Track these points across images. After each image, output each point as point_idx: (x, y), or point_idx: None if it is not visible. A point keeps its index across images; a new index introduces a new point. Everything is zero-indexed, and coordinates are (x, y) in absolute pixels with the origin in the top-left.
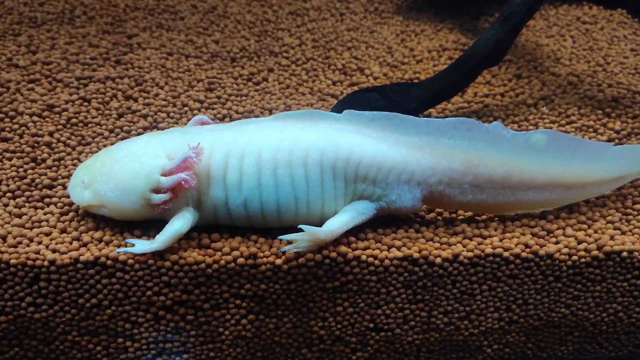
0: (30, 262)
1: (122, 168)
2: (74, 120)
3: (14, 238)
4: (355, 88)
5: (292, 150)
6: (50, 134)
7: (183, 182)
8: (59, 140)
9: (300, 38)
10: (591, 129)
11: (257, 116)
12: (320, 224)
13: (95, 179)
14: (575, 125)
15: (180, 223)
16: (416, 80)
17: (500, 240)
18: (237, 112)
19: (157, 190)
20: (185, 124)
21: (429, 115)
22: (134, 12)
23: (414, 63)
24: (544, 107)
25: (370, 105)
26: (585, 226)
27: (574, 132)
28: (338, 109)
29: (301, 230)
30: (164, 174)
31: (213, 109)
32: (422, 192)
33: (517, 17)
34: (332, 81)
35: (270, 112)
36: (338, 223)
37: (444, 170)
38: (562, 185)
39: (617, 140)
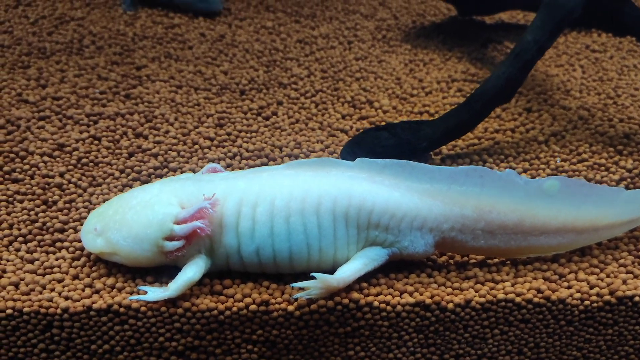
0: (43, 310)
1: (135, 216)
2: (84, 160)
3: (27, 285)
4: (365, 122)
5: (304, 199)
6: (61, 174)
7: (198, 230)
8: (69, 182)
9: (309, 68)
10: (603, 167)
11: (267, 154)
12: (332, 270)
13: (108, 226)
14: (587, 163)
15: (192, 271)
16: (425, 114)
17: (513, 285)
18: (247, 150)
19: (170, 238)
20: (196, 163)
21: (439, 152)
22: (142, 41)
23: (423, 95)
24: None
25: (381, 144)
26: (597, 270)
27: (585, 170)
28: (349, 148)
29: (313, 277)
30: (177, 222)
31: (223, 146)
32: (435, 238)
33: (528, 54)
34: (342, 114)
35: (281, 150)
36: (350, 270)
37: (457, 217)
38: (575, 230)
39: (629, 180)
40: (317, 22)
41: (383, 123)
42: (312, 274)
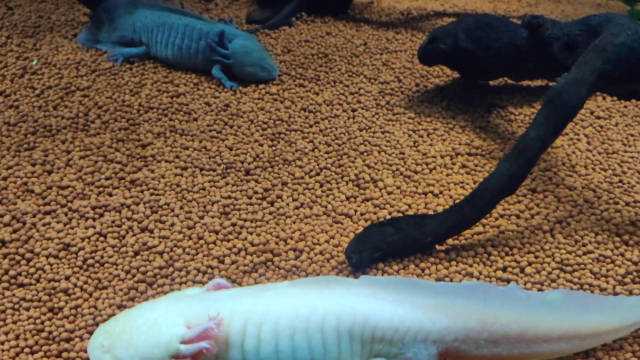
0: None
1: (142, 336)
2: (90, 260)
3: None
4: (369, 204)
5: (309, 317)
6: (67, 277)
7: (204, 351)
8: (75, 285)
9: (313, 141)
10: (608, 260)
11: (272, 249)
12: None
13: (115, 345)
14: (592, 255)
15: None
16: (430, 195)
17: None
18: (252, 244)
19: (176, 357)
20: (201, 261)
21: (443, 242)
22: (148, 113)
23: (427, 172)
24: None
25: (386, 240)
26: None
27: (591, 263)
28: (353, 246)
29: None
30: (184, 342)
31: (228, 240)
32: (438, 349)
33: (532, 152)
34: (346, 196)
35: (285, 242)
36: None
37: (460, 329)
38: (578, 336)
39: (635, 273)
40: (320, 86)
41: (387, 205)
42: None
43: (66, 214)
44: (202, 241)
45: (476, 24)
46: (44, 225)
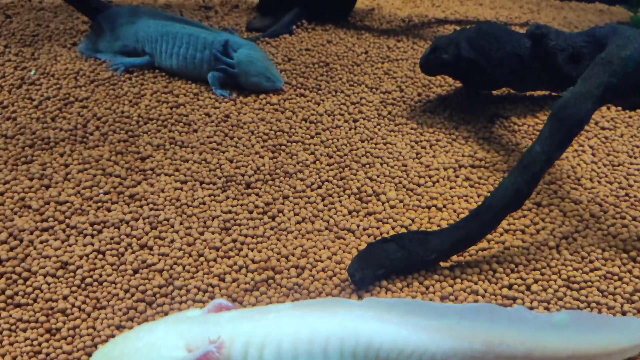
0: None
1: (142, 359)
2: (88, 279)
3: None
4: (372, 219)
5: (311, 340)
6: (65, 297)
7: None
8: (73, 305)
9: (315, 153)
10: (616, 277)
11: (273, 267)
12: None
13: None
14: (599, 272)
15: None
16: (433, 209)
17: None
18: (253, 261)
19: None
20: (202, 279)
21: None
22: (147, 124)
23: (430, 185)
24: None
25: (389, 258)
26: None
27: (598, 281)
28: (356, 264)
29: None
30: None
31: (229, 257)
32: None
33: (537, 166)
34: (348, 210)
35: (287, 259)
36: None
37: (466, 350)
38: (586, 357)
39: None
40: (322, 96)
41: (390, 219)
42: None
43: (64, 231)
44: (202, 258)
45: (478, 33)
46: (41, 242)
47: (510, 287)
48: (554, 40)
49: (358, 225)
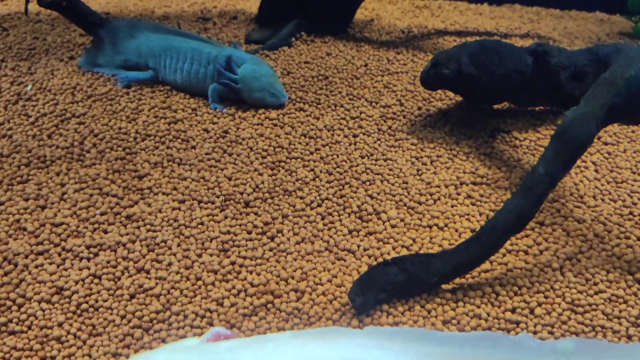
0: None
1: None
2: (84, 305)
3: None
4: (372, 239)
5: None
6: (60, 324)
7: None
8: (68, 332)
9: (314, 170)
10: (621, 299)
11: (272, 291)
12: None
13: None
14: (604, 295)
15: None
16: (435, 228)
17: None
18: (252, 285)
19: None
20: (199, 304)
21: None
22: (145, 141)
23: (431, 202)
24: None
25: (390, 281)
26: None
27: (603, 304)
28: (357, 289)
29: None
30: None
31: (227, 280)
32: None
33: (540, 188)
34: (349, 230)
35: (287, 282)
36: None
37: None
38: None
39: None
40: (321, 110)
41: (391, 239)
42: None
43: (59, 254)
44: (200, 282)
45: (480, 49)
46: (36, 267)
47: (513, 310)
48: (556, 58)
49: (358, 246)
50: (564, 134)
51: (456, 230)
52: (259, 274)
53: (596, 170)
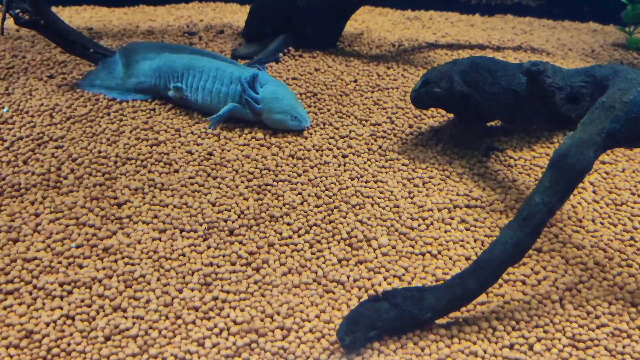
0: None
1: None
2: (55, 349)
3: None
4: (362, 268)
5: None
6: None
7: None
8: None
9: (302, 193)
10: (624, 334)
11: (257, 329)
12: None
13: None
14: (606, 329)
15: None
16: (427, 255)
17: None
18: (235, 322)
19: None
20: (179, 346)
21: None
22: (125, 165)
23: (424, 227)
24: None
25: (381, 318)
26: None
27: (605, 339)
28: (346, 328)
29: None
30: None
31: (209, 318)
32: None
33: (537, 218)
34: (338, 259)
35: (272, 319)
36: None
37: None
38: None
39: None
40: (310, 129)
41: (382, 269)
42: None
43: (30, 293)
44: (180, 320)
45: (472, 67)
46: (4, 308)
47: (511, 347)
48: (551, 78)
49: (348, 277)
50: (562, 161)
51: (450, 258)
52: (242, 310)
53: (594, 192)
